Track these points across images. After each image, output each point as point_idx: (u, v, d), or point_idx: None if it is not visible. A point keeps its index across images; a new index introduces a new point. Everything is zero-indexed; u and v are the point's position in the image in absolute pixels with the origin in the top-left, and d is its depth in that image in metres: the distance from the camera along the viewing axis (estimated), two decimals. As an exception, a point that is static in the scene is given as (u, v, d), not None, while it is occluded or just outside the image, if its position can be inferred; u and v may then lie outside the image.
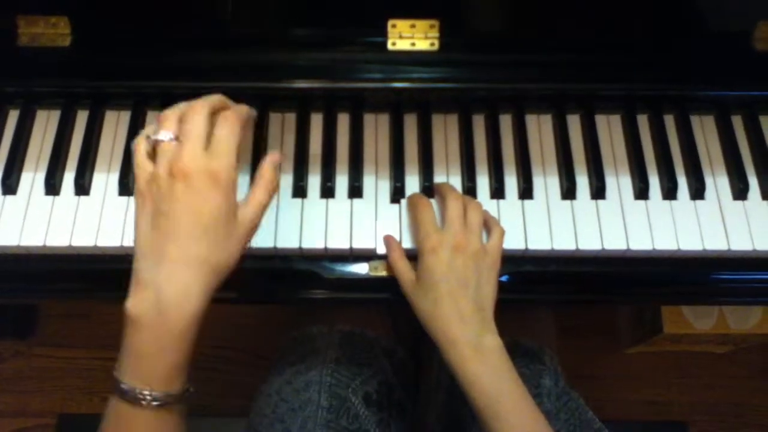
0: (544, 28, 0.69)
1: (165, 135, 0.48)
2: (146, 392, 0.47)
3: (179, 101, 0.68)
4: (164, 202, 0.47)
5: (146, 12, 0.67)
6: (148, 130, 0.51)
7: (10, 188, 0.65)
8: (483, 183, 0.67)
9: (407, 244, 0.64)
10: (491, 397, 0.55)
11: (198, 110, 0.49)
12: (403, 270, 0.60)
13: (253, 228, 0.51)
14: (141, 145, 0.50)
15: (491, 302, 0.59)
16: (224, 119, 0.50)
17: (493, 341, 0.57)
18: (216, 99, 0.52)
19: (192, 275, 0.47)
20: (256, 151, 0.68)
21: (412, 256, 0.62)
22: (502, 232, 0.62)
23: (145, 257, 0.48)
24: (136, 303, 0.47)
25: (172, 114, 0.50)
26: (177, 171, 0.47)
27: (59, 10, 0.66)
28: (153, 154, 0.49)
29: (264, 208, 0.51)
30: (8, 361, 1.33)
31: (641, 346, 1.27)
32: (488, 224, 0.62)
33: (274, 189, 0.53)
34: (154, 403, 0.47)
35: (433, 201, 0.65)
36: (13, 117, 0.69)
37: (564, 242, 0.64)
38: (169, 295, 0.46)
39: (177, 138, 0.48)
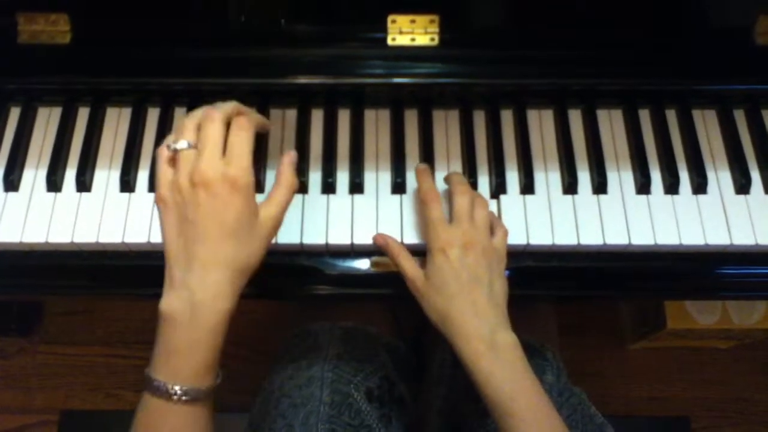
0: (545, 23, 0.69)
1: (183, 144, 0.51)
2: (177, 388, 0.49)
3: (180, 98, 0.69)
4: (188, 209, 0.50)
5: (146, 8, 0.67)
6: (169, 139, 0.53)
7: (12, 185, 0.66)
8: (484, 178, 0.67)
9: (411, 238, 0.64)
10: (505, 393, 0.54)
11: (213, 118, 0.51)
12: (411, 270, 0.59)
13: (275, 227, 0.54)
14: (163, 154, 0.52)
15: (504, 298, 0.58)
16: (237, 126, 0.52)
17: (508, 338, 0.56)
18: (230, 106, 0.54)
19: (222, 275, 0.50)
20: (258, 148, 0.67)
21: (418, 252, 0.62)
22: (506, 232, 0.62)
23: (177, 261, 0.50)
24: (170, 302, 0.50)
25: (189, 122, 0.52)
26: (197, 179, 0.49)
27: (59, 7, 0.66)
28: (174, 162, 0.52)
29: (285, 207, 0.54)
30: (13, 358, 1.33)
31: (644, 341, 1.27)
32: (492, 223, 0.61)
33: (294, 187, 0.55)
34: (184, 398, 0.49)
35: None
36: (14, 114, 0.69)
37: (565, 237, 0.64)
38: (202, 294, 0.49)
39: (195, 146, 0.51)
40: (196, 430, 0.51)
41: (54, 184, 0.65)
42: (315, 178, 0.66)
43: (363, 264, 0.65)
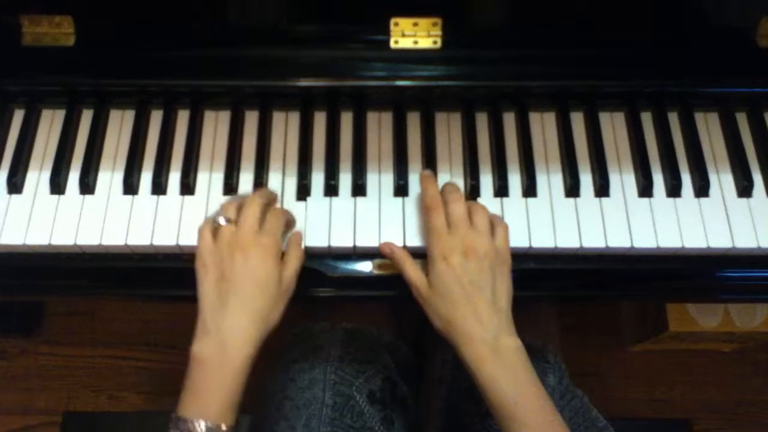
0: (547, 26, 0.69)
1: (225, 219, 0.60)
2: (203, 424, 0.54)
3: (183, 99, 0.70)
4: (226, 269, 0.58)
5: (149, 11, 0.67)
6: (212, 214, 0.62)
7: (16, 187, 0.66)
8: (486, 181, 0.67)
9: (413, 241, 0.64)
10: (508, 398, 0.55)
11: (255, 201, 0.61)
12: (416, 277, 0.60)
13: (293, 288, 0.61)
14: (206, 226, 0.60)
15: (508, 301, 0.59)
16: (275, 212, 0.62)
17: (511, 342, 0.57)
18: (266, 192, 0.64)
19: (250, 324, 0.57)
20: (260, 150, 0.68)
21: (420, 254, 0.62)
22: (507, 228, 0.62)
23: (212, 311, 0.57)
24: (202, 346, 0.56)
25: (233, 202, 0.61)
26: (237, 245, 0.58)
27: (63, 9, 0.66)
28: (214, 234, 0.60)
29: (298, 273, 0.62)
30: (14, 359, 1.34)
31: (646, 344, 1.27)
32: (492, 222, 0.62)
33: (303, 260, 0.63)
34: None
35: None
36: (18, 116, 0.69)
37: (568, 240, 0.64)
38: (232, 337, 0.56)
39: (234, 221, 0.60)
40: None
41: (57, 186, 0.66)
42: (317, 180, 0.67)
43: (365, 266, 0.65)
